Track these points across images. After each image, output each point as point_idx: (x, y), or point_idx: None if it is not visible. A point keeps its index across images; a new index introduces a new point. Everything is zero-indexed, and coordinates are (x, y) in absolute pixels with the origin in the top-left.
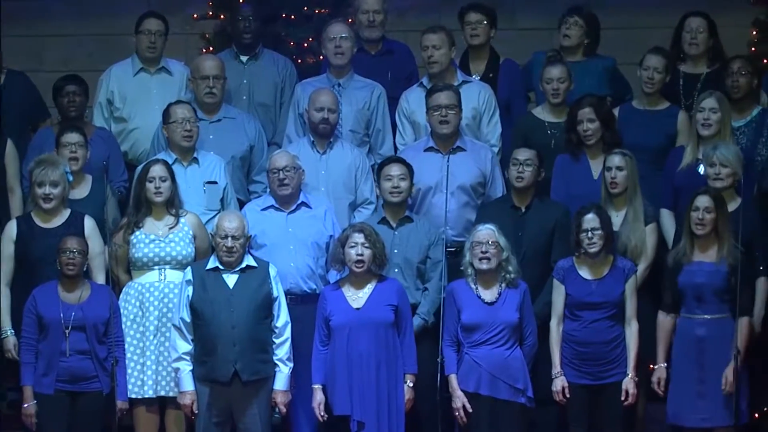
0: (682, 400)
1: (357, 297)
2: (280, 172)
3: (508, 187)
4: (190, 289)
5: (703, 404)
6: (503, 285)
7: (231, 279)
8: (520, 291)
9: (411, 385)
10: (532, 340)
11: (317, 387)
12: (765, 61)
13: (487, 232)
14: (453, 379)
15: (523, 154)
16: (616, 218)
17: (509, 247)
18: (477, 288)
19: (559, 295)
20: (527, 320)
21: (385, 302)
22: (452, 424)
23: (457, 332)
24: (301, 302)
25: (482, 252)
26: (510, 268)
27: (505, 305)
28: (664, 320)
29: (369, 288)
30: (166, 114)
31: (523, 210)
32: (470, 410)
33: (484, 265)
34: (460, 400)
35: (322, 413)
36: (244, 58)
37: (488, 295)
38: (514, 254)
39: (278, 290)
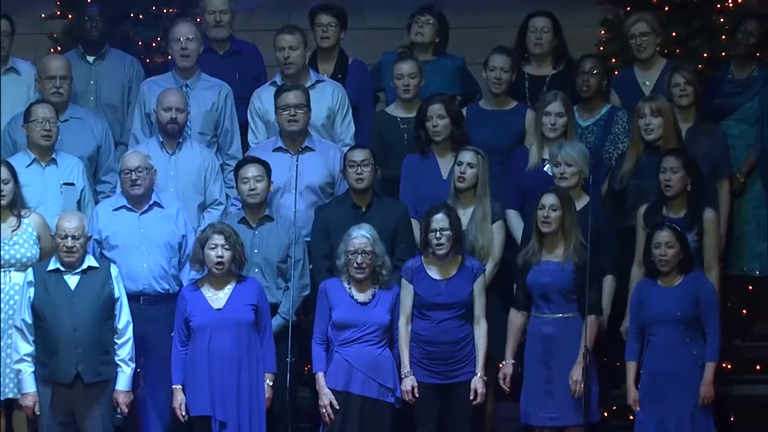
0: (532, 399)
1: (217, 297)
2: (133, 172)
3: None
4: (32, 290)
5: (553, 403)
6: (377, 286)
7: (72, 280)
8: (392, 293)
9: (271, 383)
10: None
11: (177, 387)
12: (613, 60)
13: (360, 240)
14: (320, 377)
15: (359, 154)
16: (463, 216)
17: (384, 250)
18: (350, 288)
19: (407, 295)
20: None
21: (246, 302)
22: (317, 422)
23: (327, 330)
24: (155, 302)
25: (357, 263)
26: (384, 271)
27: (378, 306)
28: (515, 318)
29: (229, 288)
30: (27, 113)
31: (364, 209)
32: (337, 407)
33: (359, 275)
34: (327, 398)
35: (183, 413)
36: (90, 59)
37: (362, 295)
38: (389, 254)
39: (120, 291)
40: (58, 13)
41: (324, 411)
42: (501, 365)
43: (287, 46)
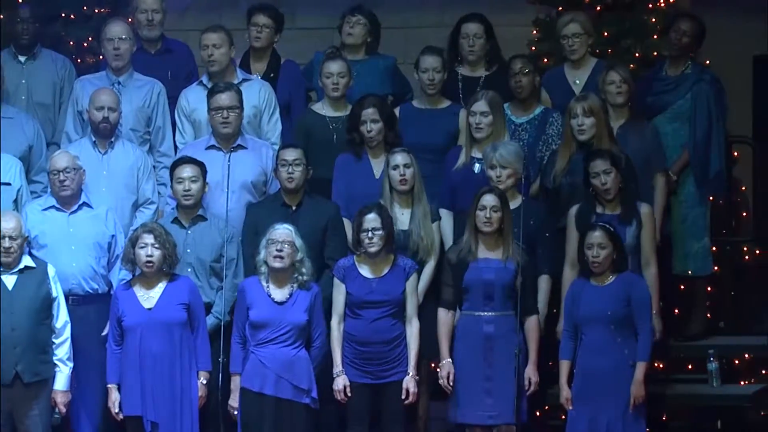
0: (468, 397)
1: (148, 297)
2: (60, 173)
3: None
4: None
5: (490, 402)
6: (295, 286)
7: (9, 280)
8: (311, 293)
9: (204, 382)
10: (321, 341)
11: (112, 386)
12: (545, 60)
13: (283, 231)
14: (235, 378)
15: (291, 154)
16: (402, 216)
17: (305, 248)
18: (268, 286)
19: (339, 294)
20: (316, 322)
21: (177, 301)
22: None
23: (245, 330)
24: (84, 302)
25: (277, 250)
26: (304, 270)
27: (295, 306)
28: (446, 317)
29: (160, 288)
30: None
31: (294, 208)
32: (236, 412)
33: (278, 264)
34: (236, 401)
35: (116, 411)
36: (22, 58)
37: (279, 294)
38: (309, 257)
39: (57, 290)
40: None
41: (234, 413)
42: (439, 366)
43: (211, 44)
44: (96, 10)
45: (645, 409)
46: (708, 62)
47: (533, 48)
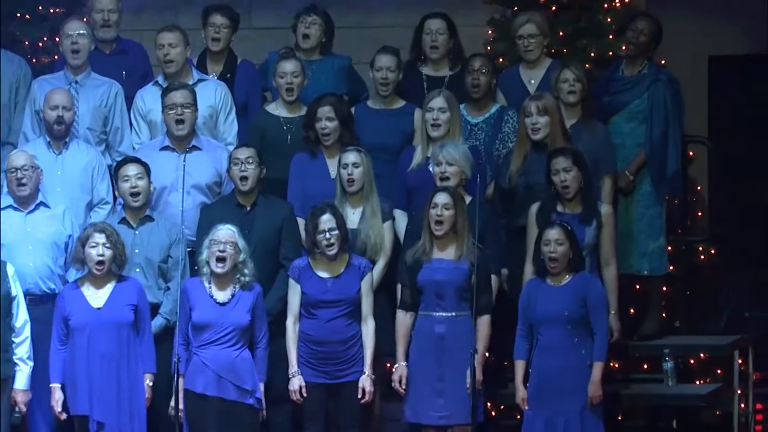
0: (421, 397)
1: (97, 297)
2: (18, 171)
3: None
4: None
5: (443, 402)
6: (237, 286)
7: None
8: (253, 293)
9: (150, 384)
10: (264, 342)
11: (56, 386)
12: (501, 60)
13: (226, 232)
14: (180, 379)
15: (243, 152)
16: (353, 215)
17: (247, 249)
18: (210, 287)
19: (294, 294)
20: (259, 323)
21: (125, 302)
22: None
23: (188, 331)
24: (41, 302)
25: (219, 251)
26: (246, 271)
27: (237, 307)
28: (404, 318)
29: (109, 288)
30: None
31: (248, 208)
32: (180, 413)
33: (220, 266)
34: (180, 402)
35: (59, 410)
36: None
37: (221, 295)
38: (259, 252)
39: (17, 289)
40: None
41: (180, 414)
42: (394, 368)
43: (167, 43)
44: (51, 10)
45: (602, 409)
46: (664, 62)
47: (489, 48)
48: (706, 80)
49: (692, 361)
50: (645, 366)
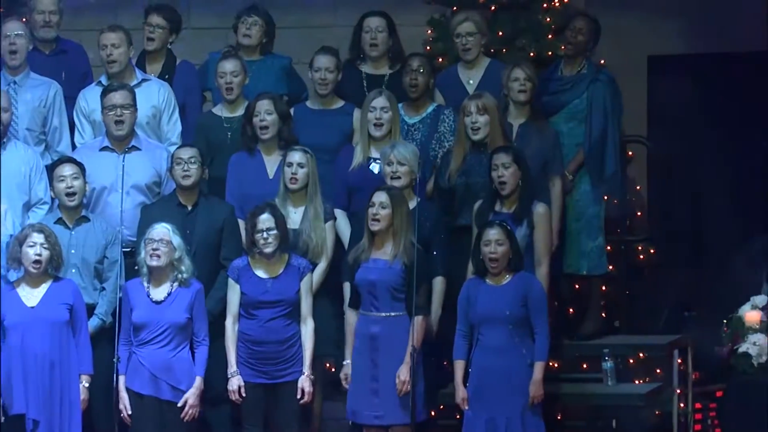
0: (359, 397)
1: (31, 296)
2: None
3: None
4: None
5: (378, 402)
6: (175, 284)
7: None
8: (192, 291)
9: (86, 385)
10: (205, 340)
11: None
12: (440, 59)
13: (160, 230)
14: (121, 379)
15: (186, 152)
16: (294, 215)
17: (183, 246)
18: (149, 287)
19: (234, 294)
20: (199, 321)
21: (60, 301)
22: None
23: (130, 331)
24: None
25: (153, 249)
26: (183, 268)
27: (173, 305)
28: (352, 317)
29: (44, 287)
30: None
31: (189, 208)
32: (129, 412)
33: (155, 262)
34: (122, 401)
35: None
36: None
37: (158, 293)
38: (198, 252)
39: None
40: None
41: (122, 414)
42: (343, 365)
43: (110, 43)
44: None
45: (542, 409)
46: (603, 62)
47: (428, 48)
48: (645, 80)
49: (631, 361)
50: (584, 365)
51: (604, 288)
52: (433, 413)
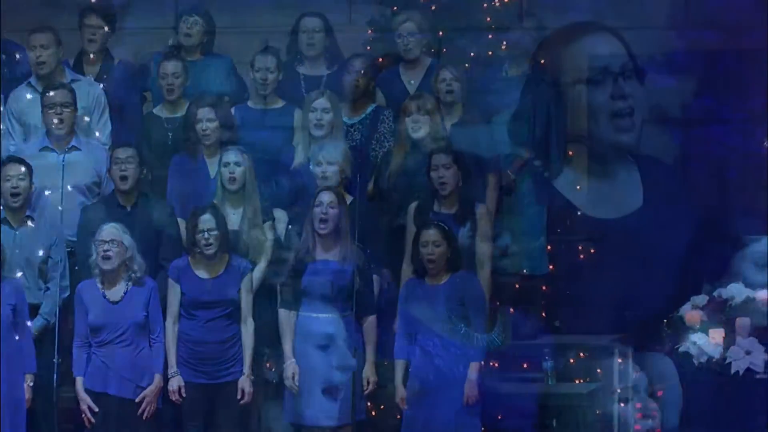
0: (303, 397)
1: None
2: None
3: None
4: None
5: (321, 402)
6: (129, 284)
7: None
8: (147, 289)
9: (31, 384)
10: (160, 336)
11: None
12: (380, 60)
13: (110, 230)
14: (79, 381)
15: (123, 152)
16: (234, 216)
17: (134, 245)
18: (103, 287)
19: (174, 294)
20: (155, 318)
21: (5, 302)
22: (82, 425)
23: (87, 333)
24: None
25: (104, 251)
26: (135, 267)
27: (131, 304)
28: (287, 317)
29: None
30: None
31: (129, 209)
32: (96, 410)
33: (107, 265)
34: (84, 402)
35: None
36: None
37: (114, 294)
38: (139, 252)
39: None
40: None
41: (84, 415)
42: (284, 365)
43: (39, 44)
44: None
45: (480, 408)
46: (544, 62)
47: (369, 48)
48: (586, 80)
49: (572, 360)
50: (525, 365)
51: (544, 287)
52: (374, 413)
